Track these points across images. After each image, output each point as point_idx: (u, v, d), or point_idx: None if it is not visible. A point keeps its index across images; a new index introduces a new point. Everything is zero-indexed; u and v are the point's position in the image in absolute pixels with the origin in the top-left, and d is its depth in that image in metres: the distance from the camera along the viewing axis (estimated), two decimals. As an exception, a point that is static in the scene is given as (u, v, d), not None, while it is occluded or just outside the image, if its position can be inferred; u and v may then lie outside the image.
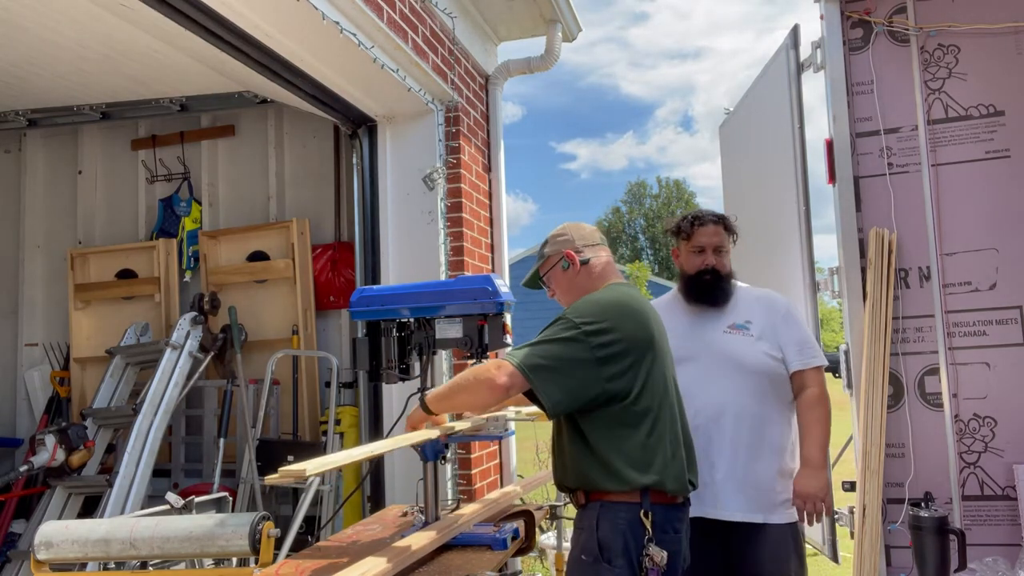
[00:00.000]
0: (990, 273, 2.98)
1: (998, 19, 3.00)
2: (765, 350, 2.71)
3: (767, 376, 2.71)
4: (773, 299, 2.85)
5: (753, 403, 2.69)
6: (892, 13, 3.13)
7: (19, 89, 4.54)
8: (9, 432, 5.23)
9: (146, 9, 2.89)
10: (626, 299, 2.27)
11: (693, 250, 2.82)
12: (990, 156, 3.01)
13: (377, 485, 4.10)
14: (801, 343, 2.75)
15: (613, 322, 2.15)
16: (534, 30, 4.92)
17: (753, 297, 2.85)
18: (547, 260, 2.47)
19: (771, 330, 2.75)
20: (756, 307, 2.80)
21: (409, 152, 4.25)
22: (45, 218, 5.45)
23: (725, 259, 2.80)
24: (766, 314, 2.78)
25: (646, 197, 45.09)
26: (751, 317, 2.77)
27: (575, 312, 2.19)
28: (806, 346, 2.76)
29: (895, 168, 3.09)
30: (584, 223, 2.57)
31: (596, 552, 2.10)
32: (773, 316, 2.77)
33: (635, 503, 2.11)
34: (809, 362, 2.73)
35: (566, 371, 2.09)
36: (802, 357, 2.73)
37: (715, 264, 2.77)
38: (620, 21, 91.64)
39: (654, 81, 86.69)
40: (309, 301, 4.73)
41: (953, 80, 3.06)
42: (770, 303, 2.83)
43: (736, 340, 2.73)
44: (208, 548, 2.12)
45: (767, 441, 2.70)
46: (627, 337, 2.15)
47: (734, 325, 2.75)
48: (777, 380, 2.73)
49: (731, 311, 2.78)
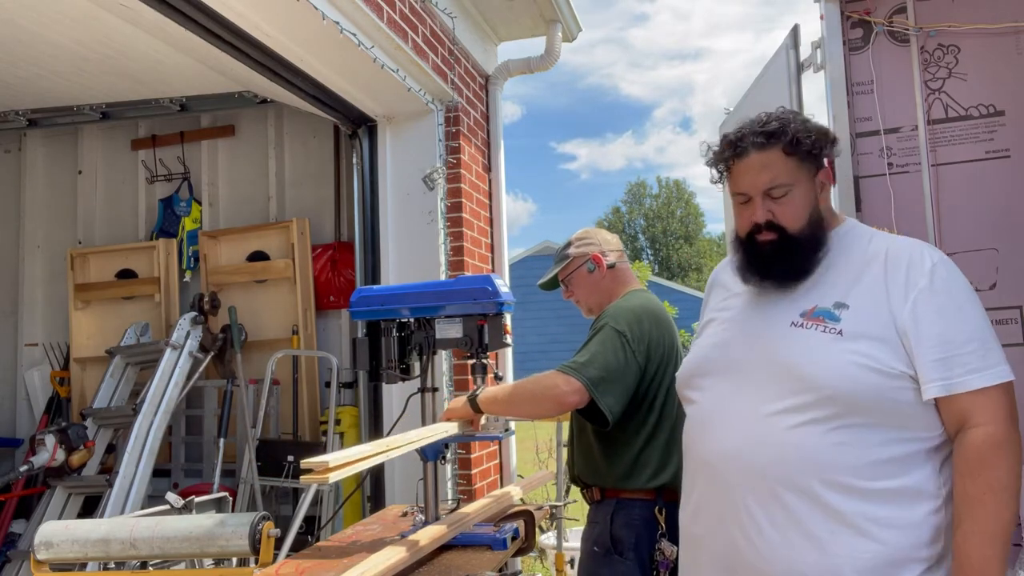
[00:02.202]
0: (990, 273, 2.98)
1: (998, 19, 3.00)
2: (859, 355, 1.50)
3: (857, 403, 1.48)
4: (911, 256, 1.56)
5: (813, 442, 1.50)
6: (892, 13, 3.13)
7: (19, 89, 4.54)
8: (9, 432, 5.23)
9: (146, 9, 2.89)
10: (654, 307, 2.42)
11: (736, 199, 1.70)
12: (990, 156, 3.01)
13: (377, 485, 4.10)
14: (952, 342, 1.47)
15: (649, 330, 2.31)
16: (534, 30, 4.92)
17: (872, 256, 1.59)
18: (572, 261, 2.55)
19: (887, 317, 1.51)
20: (868, 275, 1.57)
21: (409, 152, 4.25)
22: (45, 218, 5.45)
23: (792, 203, 1.61)
24: (884, 286, 1.54)
25: (646, 197, 45.05)
26: (851, 294, 1.56)
27: (615, 321, 2.30)
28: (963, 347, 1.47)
29: (895, 168, 3.09)
30: (602, 229, 2.71)
31: (608, 544, 2.24)
32: (899, 289, 1.52)
33: (650, 500, 2.24)
34: (967, 379, 1.45)
35: (619, 380, 2.22)
36: (950, 369, 1.46)
37: (772, 216, 1.61)
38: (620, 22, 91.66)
39: (654, 82, 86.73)
40: (309, 301, 4.73)
41: (953, 80, 3.06)
42: (900, 263, 1.55)
43: (803, 338, 1.55)
44: (208, 548, 2.12)
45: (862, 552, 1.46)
46: (659, 344, 2.32)
47: (813, 311, 1.56)
48: (888, 412, 1.49)
49: (816, 286, 1.60)
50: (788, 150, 1.61)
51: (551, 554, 4.09)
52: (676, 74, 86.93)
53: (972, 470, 1.43)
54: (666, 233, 43.20)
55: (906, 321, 1.49)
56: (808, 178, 1.62)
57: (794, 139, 1.61)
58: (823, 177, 1.65)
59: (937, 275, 1.52)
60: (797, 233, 1.60)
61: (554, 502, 3.14)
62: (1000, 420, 1.44)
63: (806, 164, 1.62)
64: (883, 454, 1.48)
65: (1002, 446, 1.43)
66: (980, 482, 1.42)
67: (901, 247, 1.59)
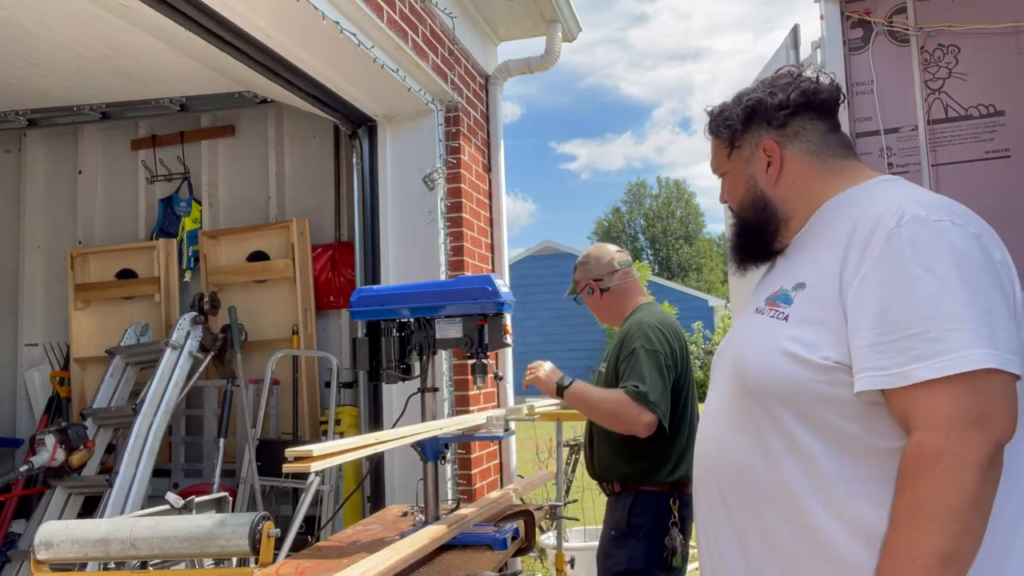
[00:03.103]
0: (990, 273, 2.98)
1: (998, 19, 3.00)
2: (793, 342, 1.27)
3: (783, 400, 1.27)
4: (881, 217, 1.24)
5: (752, 456, 1.33)
6: (892, 13, 3.13)
7: (19, 89, 4.54)
8: (9, 432, 5.23)
9: (146, 9, 2.88)
10: (669, 320, 2.75)
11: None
12: (990, 156, 3.01)
13: (377, 485, 4.10)
14: (894, 322, 1.16)
15: (671, 343, 2.65)
16: (534, 30, 4.92)
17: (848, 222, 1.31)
18: (577, 284, 2.90)
19: (836, 295, 1.25)
20: (835, 246, 1.29)
21: (409, 152, 4.24)
22: (45, 218, 5.45)
23: (729, 188, 1.57)
24: (842, 257, 1.26)
25: (646, 197, 45.05)
26: (812, 271, 1.33)
27: (646, 340, 2.59)
28: (908, 328, 1.15)
29: (895, 168, 3.09)
30: (608, 245, 2.96)
31: (624, 529, 2.54)
32: (855, 260, 1.24)
33: (665, 492, 2.55)
34: (907, 369, 1.14)
35: (668, 397, 2.55)
36: (889, 356, 1.16)
37: (726, 199, 1.59)
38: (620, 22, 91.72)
39: (653, 82, 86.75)
40: (309, 301, 4.73)
41: (953, 80, 3.06)
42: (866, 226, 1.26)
43: (753, 326, 1.40)
44: (208, 548, 2.12)
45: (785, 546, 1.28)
46: (679, 354, 2.66)
47: (776, 294, 1.37)
48: (823, 411, 1.24)
49: (789, 266, 1.43)
50: (708, 134, 1.56)
51: (551, 554, 4.09)
52: (676, 74, 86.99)
53: (898, 488, 1.14)
54: (666, 233, 43.20)
55: (851, 299, 1.21)
56: (740, 160, 1.51)
57: (710, 120, 1.55)
58: (767, 152, 1.47)
59: (896, 237, 1.19)
60: (739, 216, 1.54)
61: (554, 502, 3.14)
62: (940, 424, 1.10)
63: (734, 147, 1.51)
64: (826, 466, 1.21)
65: (933, 460, 1.10)
66: (899, 503, 1.13)
67: (878, 206, 1.27)
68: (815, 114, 1.47)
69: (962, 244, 1.18)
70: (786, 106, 1.46)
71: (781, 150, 1.47)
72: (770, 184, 1.48)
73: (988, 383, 1.11)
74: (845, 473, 1.21)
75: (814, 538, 1.22)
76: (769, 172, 1.47)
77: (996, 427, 1.11)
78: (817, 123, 1.47)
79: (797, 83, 1.47)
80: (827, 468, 1.22)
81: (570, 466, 5.82)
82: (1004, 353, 1.11)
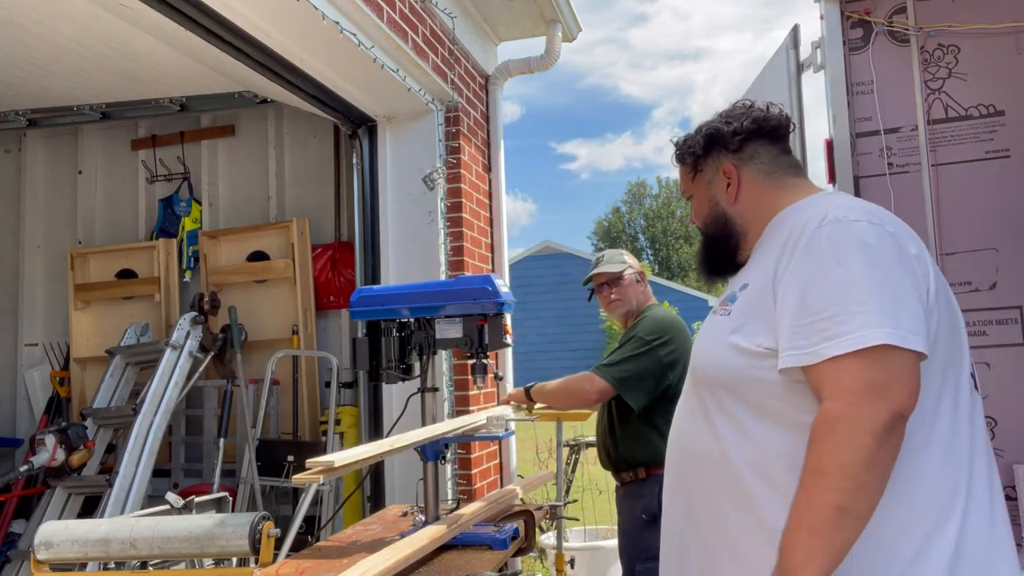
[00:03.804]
0: (990, 273, 2.98)
1: (998, 19, 3.00)
2: (734, 334, 1.42)
3: (726, 387, 1.43)
4: (808, 220, 1.40)
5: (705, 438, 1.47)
6: (892, 13, 3.13)
7: (19, 89, 4.54)
8: (9, 432, 5.23)
9: (146, 9, 2.89)
10: (673, 318, 3.07)
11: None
12: (990, 156, 3.01)
13: (377, 485, 4.10)
14: (811, 307, 1.29)
15: (672, 336, 2.93)
16: (534, 30, 4.92)
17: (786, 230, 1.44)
18: (628, 268, 3.15)
19: (768, 290, 1.39)
20: (768, 251, 1.46)
21: (409, 152, 4.25)
22: (45, 218, 5.45)
23: (695, 208, 1.74)
24: (776, 257, 1.40)
25: (646, 197, 45.05)
26: (754, 272, 1.49)
27: (644, 331, 2.93)
28: (822, 312, 1.28)
29: (895, 168, 3.09)
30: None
31: (655, 512, 2.49)
32: (786, 259, 1.38)
33: None
34: (820, 347, 1.25)
35: (644, 378, 2.85)
36: (805, 338, 1.28)
37: (694, 218, 1.76)
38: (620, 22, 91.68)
39: (653, 82, 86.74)
40: (309, 301, 4.73)
41: (953, 80, 3.06)
42: (796, 229, 1.40)
43: (707, 326, 1.58)
44: (208, 548, 2.12)
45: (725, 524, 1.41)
46: (681, 348, 2.88)
47: (727, 297, 1.54)
48: (760, 394, 1.37)
49: (742, 272, 1.61)
50: (675, 161, 1.75)
51: (551, 554, 4.09)
52: (676, 74, 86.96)
53: (807, 451, 1.26)
54: (666, 233, 43.19)
55: (779, 291, 1.36)
56: (703, 182, 1.68)
57: (676, 149, 1.73)
58: (726, 174, 1.64)
59: (817, 235, 1.35)
60: (704, 233, 1.71)
61: (554, 502, 3.14)
62: (841, 394, 1.23)
63: (697, 171, 1.69)
64: (763, 442, 1.35)
65: (833, 425, 1.22)
66: (806, 464, 1.25)
67: (810, 213, 1.42)
68: (767, 140, 1.63)
69: (874, 240, 1.33)
70: (740, 132, 1.62)
71: (738, 171, 1.63)
72: (730, 202, 1.64)
73: (888, 358, 1.23)
74: (778, 447, 1.34)
75: (755, 513, 1.35)
76: (728, 191, 1.63)
77: (895, 397, 1.22)
78: (769, 147, 1.63)
79: (749, 112, 1.64)
80: (763, 443, 1.36)
81: (570, 466, 5.82)
82: (904, 332, 1.24)
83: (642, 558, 2.81)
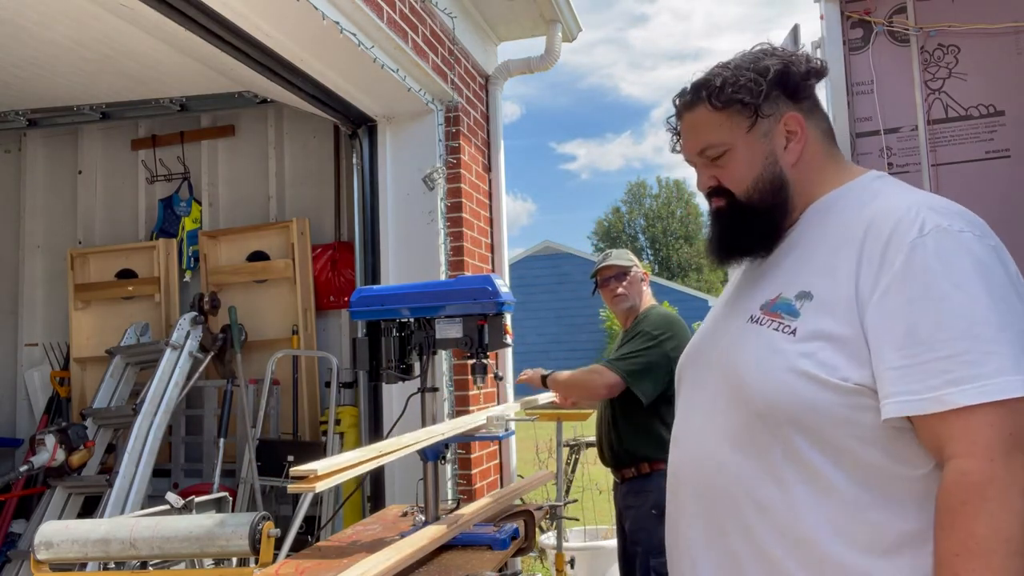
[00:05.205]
0: (990, 273, 2.98)
1: (998, 19, 3.00)
2: (807, 360, 1.16)
3: (799, 424, 1.16)
4: (898, 224, 1.16)
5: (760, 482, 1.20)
6: (892, 13, 3.13)
7: (19, 89, 4.54)
8: (9, 432, 5.23)
9: (146, 9, 2.88)
10: (675, 316, 3.25)
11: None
12: (990, 156, 3.01)
13: (377, 485, 4.10)
14: (924, 342, 1.08)
15: (676, 332, 3.08)
16: (534, 30, 4.92)
17: (857, 224, 1.20)
18: (634, 267, 3.28)
19: (852, 310, 1.15)
20: (845, 252, 1.19)
21: (409, 152, 4.24)
22: (45, 218, 5.45)
23: (731, 165, 1.32)
24: (856, 267, 1.16)
25: (646, 197, 45.01)
26: (818, 279, 1.20)
27: (651, 327, 3.07)
28: (940, 349, 1.07)
29: (895, 168, 3.09)
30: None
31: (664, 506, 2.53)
32: (872, 272, 1.14)
33: None
34: (941, 393, 1.06)
35: (653, 371, 2.95)
36: (919, 380, 1.07)
37: (717, 181, 1.35)
38: (620, 22, 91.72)
39: (653, 82, 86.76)
40: (309, 301, 4.73)
41: (953, 80, 3.06)
42: (881, 234, 1.16)
43: (753, 338, 1.24)
44: (208, 548, 2.12)
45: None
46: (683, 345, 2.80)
47: (774, 302, 1.24)
48: (843, 437, 1.14)
49: (786, 267, 1.28)
50: (715, 104, 1.29)
51: (551, 554, 4.09)
52: (676, 74, 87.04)
53: (943, 523, 1.04)
54: (666, 233, 43.17)
55: (872, 316, 1.11)
56: (752, 132, 1.29)
57: (718, 89, 1.28)
58: (788, 126, 1.30)
59: (920, 249, 1.10)
60: (744, 199, 1.30)
61: (554, 502, 3.14)
62: (983, 452, 1.02)
63: (744, 116, 1.28)
64: (847, 495, 1.12)
65: (984, 489, 1.01)
66: (954, 540, 1.02)
67: (891, 211, 1.17)
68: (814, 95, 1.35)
69: (986, 258, 1.12)
70: (810, 75, 1.30)
71: (806, 125, 1.31)
72: (791, 162, 1.30)
73: (1022, 406, 1.04)
74: (864, 500, 1.12)
75: (820, 568, 1.14)
76: (791, 149, 1.30)
77: None
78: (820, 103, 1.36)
79: (802, 56, 1.32)
80: (847, 497, 1.12)
81: (570, 466, 5.82)
82: None
83: (655, 552, 2.85)
